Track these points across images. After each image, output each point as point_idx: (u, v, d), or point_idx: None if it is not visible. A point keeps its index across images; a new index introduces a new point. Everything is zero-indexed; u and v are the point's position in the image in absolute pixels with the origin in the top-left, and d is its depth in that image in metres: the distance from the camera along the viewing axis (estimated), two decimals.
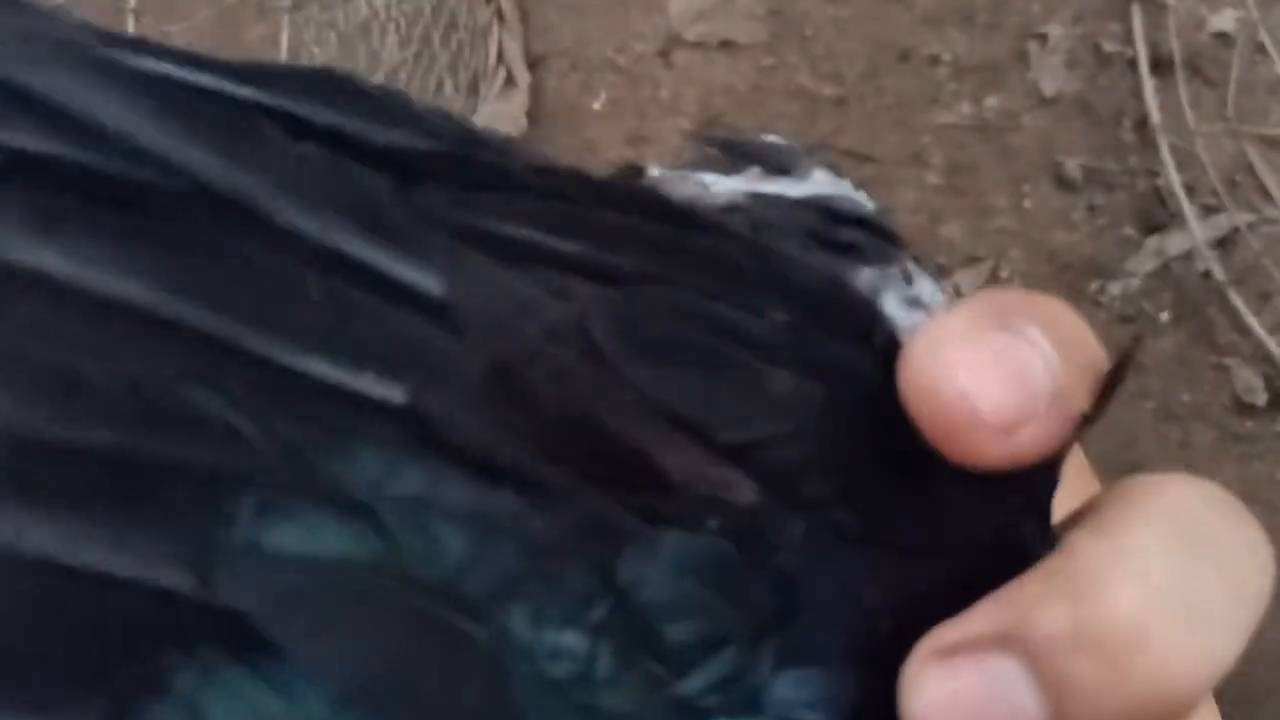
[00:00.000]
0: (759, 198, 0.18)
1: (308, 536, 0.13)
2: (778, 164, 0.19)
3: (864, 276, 0.16)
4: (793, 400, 0.14)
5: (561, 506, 0.14)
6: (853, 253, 0.17)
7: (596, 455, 0.14)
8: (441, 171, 0.15)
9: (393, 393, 0.14)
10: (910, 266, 0.17)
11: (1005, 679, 0.13)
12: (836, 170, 0.19)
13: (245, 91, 0.15)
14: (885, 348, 0.15)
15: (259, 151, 0.14)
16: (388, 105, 0.15)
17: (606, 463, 0.14)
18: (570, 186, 0.15)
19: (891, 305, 0.16)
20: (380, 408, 0.14)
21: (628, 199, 0.15)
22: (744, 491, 0.14)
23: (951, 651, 0.13)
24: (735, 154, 0.19)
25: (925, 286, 0.16)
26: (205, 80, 0.15)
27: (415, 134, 0.15)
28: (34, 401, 0.13)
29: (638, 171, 0.19)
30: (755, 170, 0.19)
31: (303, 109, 0.15)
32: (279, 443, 0.13)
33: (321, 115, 0.15)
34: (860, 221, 0.17)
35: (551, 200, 0.15)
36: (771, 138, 0.19)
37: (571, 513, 0.14)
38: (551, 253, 0.15)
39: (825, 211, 0.17)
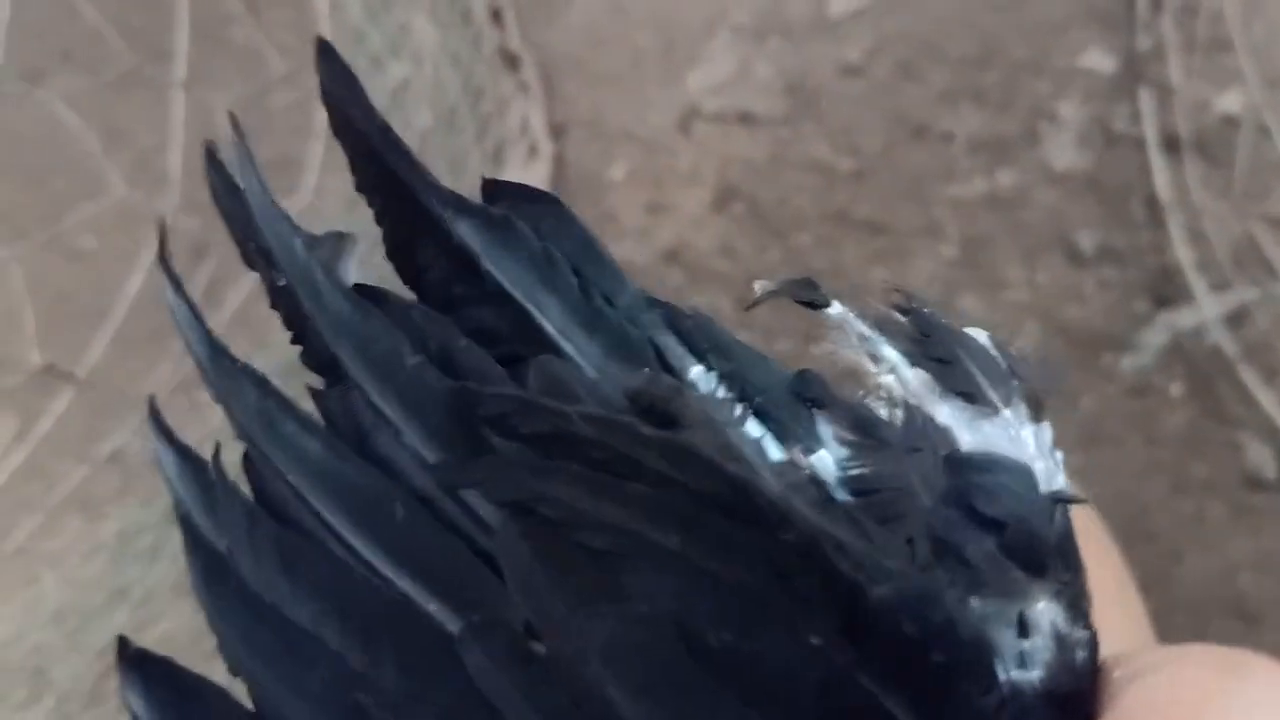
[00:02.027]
0: (910, 425, 0.15)
1: None
2: (967, 376, 0.16)
3: (970, 609, 0.14)
4: None
5: None
6: (971, 571, 0.14)
7: None
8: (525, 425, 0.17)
9: (452, 624, 0.16)
10: (1037, 608, 0.14)
11: None
12: (1037, 408, 0.16)
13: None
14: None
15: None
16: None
17: None
18: (637, 457, 0.15)
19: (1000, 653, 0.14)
20: (443, 634, 0.16)
21: (696, 474, 0.15)
22: None
23: None
24: (922, 336, 0.16)
25: (1040, 642, 0.14)
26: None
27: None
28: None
29: (813, 287, 0.17)
30: (930, 378, 0.16)
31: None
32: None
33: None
34: (1002, 525, 0.14)
35: (607, 468, 0.15)
36: (976, 332, 0.16)
37: None
38: (598, 523, 0.15)
39: (968, 503, 0.14)
